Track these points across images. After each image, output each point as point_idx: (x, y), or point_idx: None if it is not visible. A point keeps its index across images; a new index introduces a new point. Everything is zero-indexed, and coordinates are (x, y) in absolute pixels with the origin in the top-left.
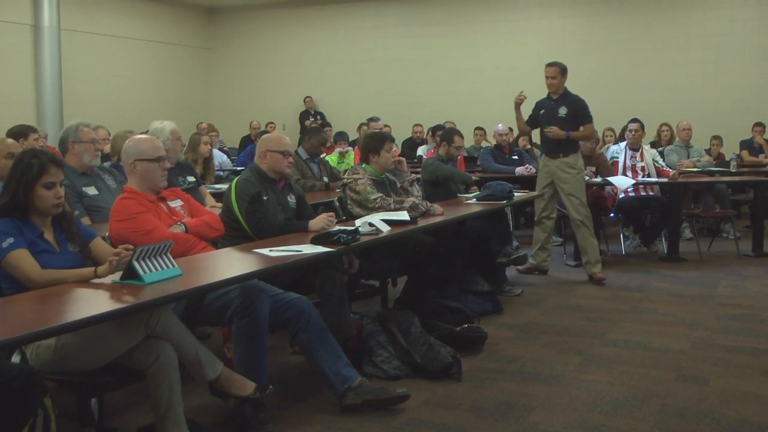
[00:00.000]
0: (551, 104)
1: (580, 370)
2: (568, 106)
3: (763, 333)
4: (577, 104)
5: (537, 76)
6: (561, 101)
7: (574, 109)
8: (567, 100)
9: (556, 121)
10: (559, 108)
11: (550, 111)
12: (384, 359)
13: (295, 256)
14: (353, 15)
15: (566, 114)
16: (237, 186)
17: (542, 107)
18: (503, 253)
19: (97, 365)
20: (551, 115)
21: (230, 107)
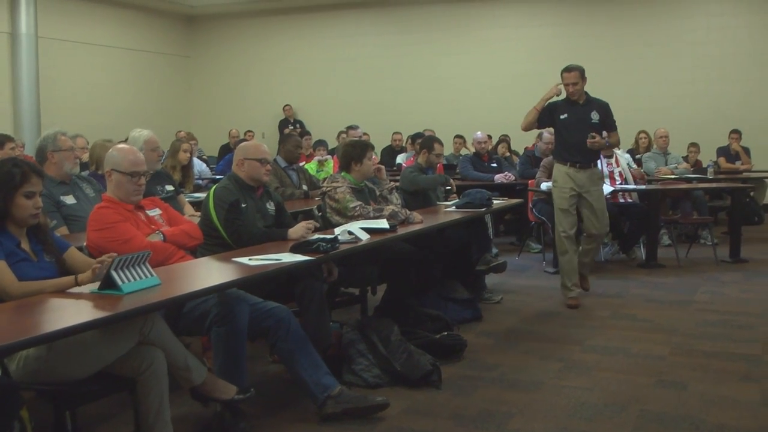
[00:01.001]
0: (579, 109)
1: (559, 376)
2: (599, 110)
3: (741, 338)
4: (607, 109)
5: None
6: (590, 106)
7: (605, 115)
8: (595, 105)
9: (589, 128)
10: (591, 113)
11: (578, 117)
12: (364, 367)
13: (274, 264)
14: (332, 23)
15: (599, 120)
16: (215, 194)
17: (564, 111)
18: (483, 260)
19: (88, 373)
20: (582, 122)
21: (209, 115)
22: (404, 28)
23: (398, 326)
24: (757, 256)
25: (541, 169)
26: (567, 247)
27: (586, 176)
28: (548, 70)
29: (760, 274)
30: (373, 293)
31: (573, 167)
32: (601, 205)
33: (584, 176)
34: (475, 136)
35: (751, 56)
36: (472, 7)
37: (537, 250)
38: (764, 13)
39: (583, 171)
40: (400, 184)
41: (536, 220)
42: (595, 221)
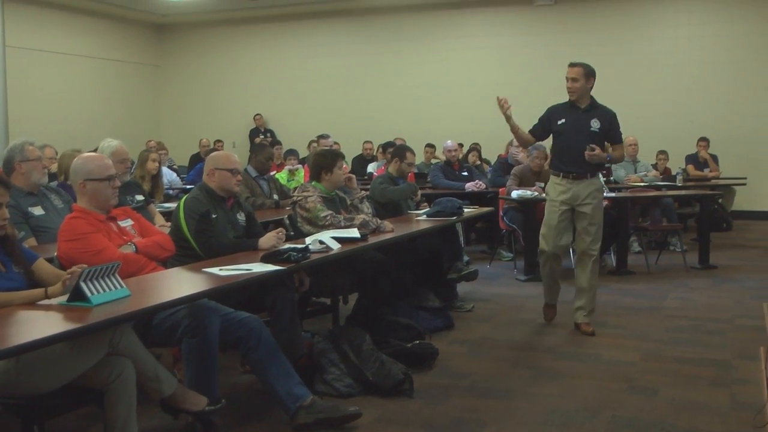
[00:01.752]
0: (578, 114)
1: (531, 384)
2: (601, 119)
3: (710, 344)
4: (612, 119)
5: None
6: (591, 112)
7: (607, 124)
8: (598, 111)
9: (588, 136)
10: (591, 120)
11: (577, 123)
12: (336, 377)
13: (245, 274)
14: (303, 32)
15: (599, 128)
16: (185, 204)
17: (562, 116)
18: (454, 269)
19: (56, 386)
20: (581, 129)
21: (180, 125)
22: (375, 37)
23: (370, 335)
24: (726, 263)
25: (512, 177)
26: (545, 261)
27: (582, 187)
28: (518, 79)
29: (728, 280)
30: (344, 302)
31: (566, 178)
32: (596, 220)
33: (579, 188)
34: (445, 144)
35: (719, 65)
36: (442, 16)
37: (508, 258)
38: (731, 23)
39: (578, 182)
40: (370, 194)
41: (507, 228)
42: (585, 236)
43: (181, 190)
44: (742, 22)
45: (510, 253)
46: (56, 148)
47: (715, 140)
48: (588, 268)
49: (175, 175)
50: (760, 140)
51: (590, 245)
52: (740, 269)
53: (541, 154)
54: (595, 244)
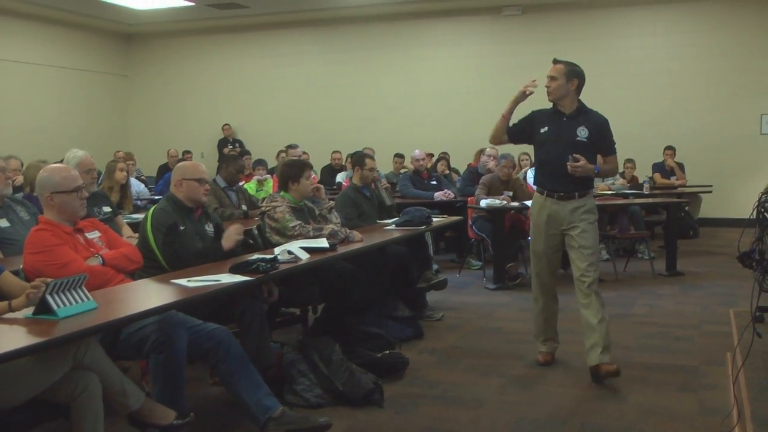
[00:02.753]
0: (562, 121)
1: (501, 392)
2: (589, 126)
3: (678, 350)
4: (603, 127)
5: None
6: (578, 119)
7: (597, 133)
8: (587, 118)
9: (573, 147)
10: (578, 128)
11: (561, 131)
12: (305, 387)
13: (213, 286)
14: (271, 42)
15: (587, 138)
16: (153, 216)
17: (545, 123)
18: (423, 278)
19: (21, 401)
20: (564, 138)
21: (148, 135)
22: (343, 46)
23: (340, 345)
24: (693, 269)
25: (480, 186)
26: (536, 293)
27: (569, 210)
28: (486, 88)
29: (696, 287)
30: (314, 313)
31: (551, 198)
32: (588, 244)
33: (566, 210)
34: (413, 154)
35: (684, 75)
36: (410, 25)
37: (477, 267)
38: (696, 33)
39: (564, 203)
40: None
41: (476, 236)
42: (578, 263)
43: (150, 200)
44: (706, 33)
45: (479, 261)
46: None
47: (681, 149)
48: (591, 299)
49: (143, 186)
50: (725, 148)
51: (584, 271)
52: (707, 276)
53: (509, 163)
54: (589, 268)
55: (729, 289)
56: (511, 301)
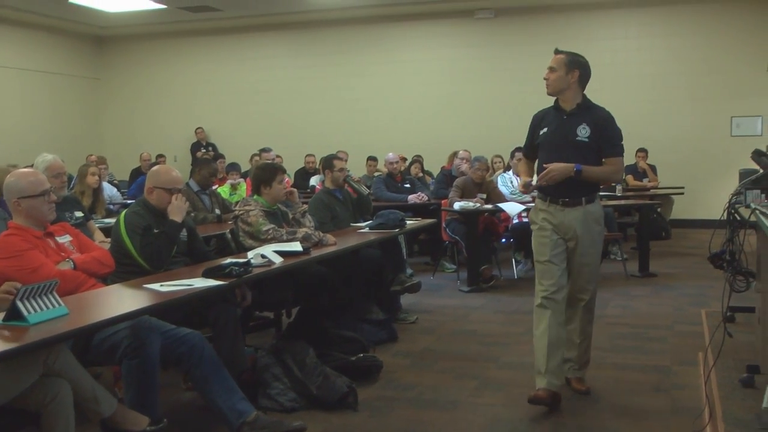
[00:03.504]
0: (563, 120)
1: (476, 394)
2: (592, 124)
3: (651, 350)
4: (606, 124)
5: (427, 105)
6: (579, 116)
7: (601, 130)
8: (589, 114)
9: (572, 147)
10: (579, 127)
11: (561, 131)
12: (279, 391)
13: (186, 290)
14: (244, 45)
15: (589, 137)
16: (126, 219)
17: (543, 123)
18: (397, 281)
19: None
20: (564, 138)
21: (121, 139)
22: (317, 50)
23: (313, 349)
24: (665, 270)
25: (454, 188)
26: (540, 314)
27: (572, 217)
28: (459, 91)
29: (668, 288)
30: (287, 316)
31: (554, 204)
32: (590, 259)
33: (571, 217)
34: (387, 157)
35: (656, 77)
36: (383, 28)
37: (451, 270)
38: (667, 36)
39: (570, 210)
40: None
41: (450, 239)
42: (576, 278)
43: (122, 204)
44: (677, 36)
45: (453, 264)
46: None
47: (653, 151)
48: (578, 314)
49: (115, 190)
50: (697, 150)
51: (582, 288)
52: (679, 277)
53: (482, 165)
54: (587, 286)
55: (701, 290)
56: (485, 303)
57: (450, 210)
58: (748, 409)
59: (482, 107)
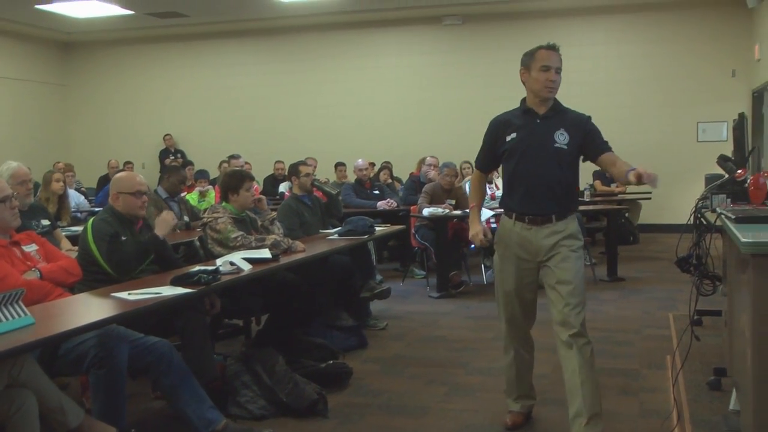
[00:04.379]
0: (536, 124)
1: (445, 400)
2: (571, 129)
3: (620, 354)
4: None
5: (395, 111)
6: (553, 120)
7: (582, 135)
8: (564, 118)
9: (550, 155)
10: (555, 133)
11: (534, 137)
12: (249, 399)
13: (154, 299)
14: (213, 51)
15: (568, 143)
16: (94, 227)
17: (510, 128)
18: (367, 287)
19: None
20: (539, 145)
21: (87, 146)
22: (285, 56)
23: (283, 356)
24: (633, 275)
25: (423, 195)
26: (506, 341)
27: (544, 236)
28: (428, 97)
29: (636, 292)
30: (257, 324)
31: (521, 222)
32: (568, 276)
33: (540, 236)
34: (356, 163)
35: (623, 83)
36: (352, 35)
37: (421, 276)
38: (634, 42)
39: (537, 229)
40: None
41: (419, 245)
42: (557, 302)
43: (89, 212)
44: (643, 43)
45: (422, 270)
46: None
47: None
48: (573, 351)
49: (83, 198)
50: (664, 156)
51: (565, 315)
52: (647, 281)
53: (451, 171)
54: (572, 314)
55: (668, 294)
56: (454, 309)
57: (419, 216)
58: (716, 411)
59: (451, 113)
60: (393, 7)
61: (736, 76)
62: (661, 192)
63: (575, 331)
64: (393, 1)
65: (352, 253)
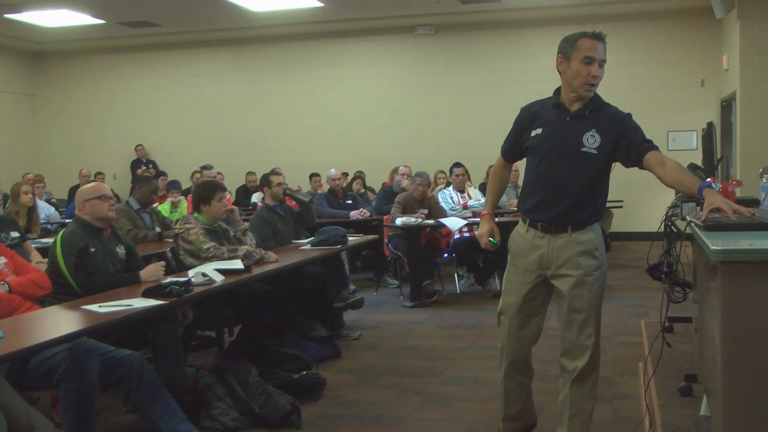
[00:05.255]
0: (565, 122)
1: (419, 409)
2: (605, 129)
3: None
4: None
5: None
6: (588, 118)
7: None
8: (601, 116)
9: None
10: (585, 134)
11: (560, 134)
12: (222, 411)
13: (125, 311)
14: (185, 61)
15: (598, 147)
16: (63, 240)
17: (537, 122)
18: (340, 297)
19: None
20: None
21: (58, 156)
22: (258, 66)
23: (256, 367)
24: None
25: (396, 204)
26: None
27: (559, 247)
28: (401, 107)
29: (608, 300)
30: (230, 335)
31: (534, 229)
32: (582, 304)
33: (554, 247)
34: (329, 173)
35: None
36: (324, 45)
37: (394, 285)
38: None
39: (551, 238)
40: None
41: (392, 255)
42: (567, 329)
43: (60, 224)
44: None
45: (396, 280)
46: None
47: None
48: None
49: (53, 209)
50: None
51: (570, 346)
52: (619, 288)
53: (424, 181)
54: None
55: (640, 301)
56: (428, 318)
57: (392, 226)
58: (687, 417)
59: (424, 122)
60: (366, 17)
61: (705, 85)
62: (633, 200)
63: (578, 366)
64: (366, 11)
65: (325, 263)
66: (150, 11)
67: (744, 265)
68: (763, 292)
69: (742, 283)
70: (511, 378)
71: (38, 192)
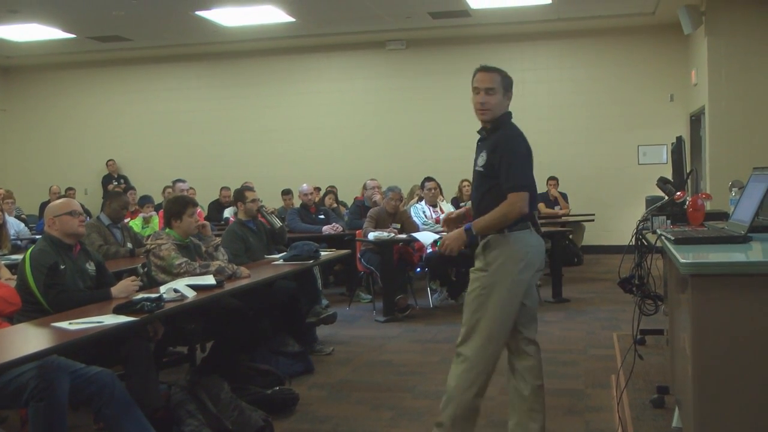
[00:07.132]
0: (478, 146)
1: (392, 424)
2: (490, 147)
3: (565, 374)
4: (502, 149)
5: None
6: (485, 140)
7: (498, 158)
8: (493, 134)
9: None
10: (479, 154)
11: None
12: (194, 428)
13: (96, 328)
14: (156, 76)
15: (484, 165)
16: (32, 257)
17: None
18: (312, 312)
19: None
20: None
21: (28, 172)
22: (229, 81)
23: (228, 383)
24: (578, 296)
25: (368, 219)
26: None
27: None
28: (373, 121)
29: (581, 313)
30: (202, 351)
31: None
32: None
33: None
34: (301, 188)
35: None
36: (295, 60)
37: (367, 300)
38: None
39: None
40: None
41: (365, 269)
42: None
43: (30, 240)
44: (584, 68)
45: (368, 294)
46: None
47: (563, 179)
48: None
49: (23, 225)
50: (606, 178)
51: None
52: (591, 301)
53: (396, 195)
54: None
55: (612, 314)
56: (401, 333)
57: (364, 240)
58: (659, 428)
59: (395, 137)
60: (337, 32)
61: (674, 100)
62: (604, 214)
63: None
64: (337, 27)
65: (298, 278)
66: (121, 26)
67: (713, 278)
68: (732, 304)
69: (712, 296)
70: None
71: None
